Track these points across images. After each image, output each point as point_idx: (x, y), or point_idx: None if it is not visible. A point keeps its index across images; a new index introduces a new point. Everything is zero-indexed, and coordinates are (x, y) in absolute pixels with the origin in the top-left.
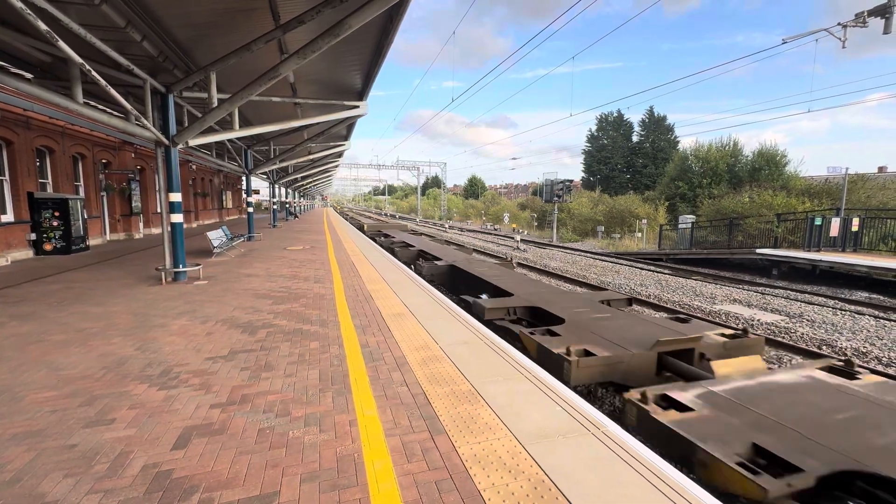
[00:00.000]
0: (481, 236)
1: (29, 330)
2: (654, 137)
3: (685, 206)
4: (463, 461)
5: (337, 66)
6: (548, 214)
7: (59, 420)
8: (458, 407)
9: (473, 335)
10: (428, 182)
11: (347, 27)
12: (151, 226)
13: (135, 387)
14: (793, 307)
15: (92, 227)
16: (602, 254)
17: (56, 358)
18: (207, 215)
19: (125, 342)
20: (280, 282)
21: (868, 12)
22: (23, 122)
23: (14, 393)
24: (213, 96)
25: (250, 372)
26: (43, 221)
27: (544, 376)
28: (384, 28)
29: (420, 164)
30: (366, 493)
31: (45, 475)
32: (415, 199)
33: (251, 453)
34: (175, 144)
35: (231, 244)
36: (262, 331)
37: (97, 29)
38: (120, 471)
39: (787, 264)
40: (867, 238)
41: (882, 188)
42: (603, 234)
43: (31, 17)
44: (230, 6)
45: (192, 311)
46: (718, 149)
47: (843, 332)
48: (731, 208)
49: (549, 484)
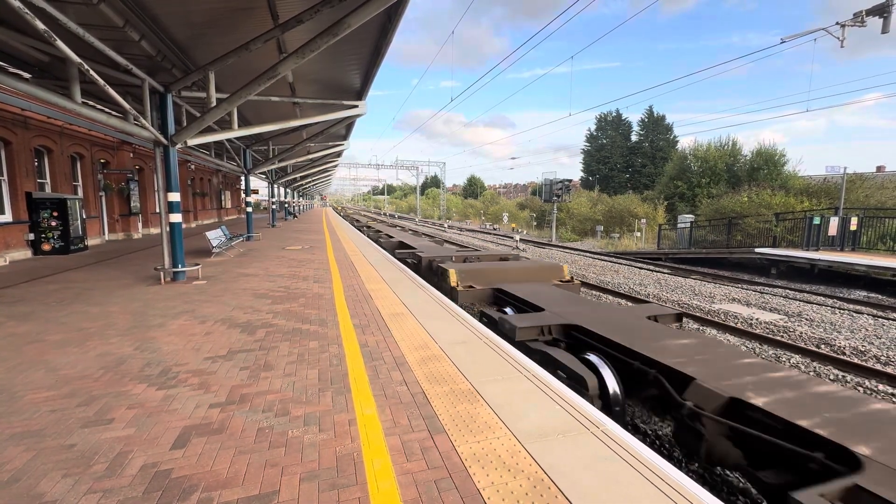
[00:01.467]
0: (480, 236)
1: (27, 330)
2: (653, 137)
3: (684, 205)
4: (462, 460)
5: (336, 65)
6: (547, 214)
7: (57, 420)
8: (458, 406)
9: (472, 334)
10: (427, 182)
11: (346, 26)
12: (150, 226)
13: (133, 386)
14: (791, 306)
15: (90, 227)
16: (601, 253)
17: (54, 358)
18: (206, 215)
19: (124, 342)
20: (279, 281)
21: (866, 11)
22: (21, 121)
23: (12, 393)
24: (212, 96)
25: (249, 371)
26: (41, 221)
27: (543, 375)
28: (383, 27)
29: (419, 164)
30: (365, 492)
31: (43, 475)
32: (414, 199)
33: (250, 453)
34: (174, 144)
35: (230, 244)
36: (261, 330)
37: (95, 28)
38: (119, 470)
39: (785, 263)
40: (866, 237)
41: (880, 188)
42: (602, 233)
43: (30, 17)
44: (229, 5)
45: (190, 310)
46: (717, 148)
47: (842, 331)
48: (729, 208)
49: (549, 483)
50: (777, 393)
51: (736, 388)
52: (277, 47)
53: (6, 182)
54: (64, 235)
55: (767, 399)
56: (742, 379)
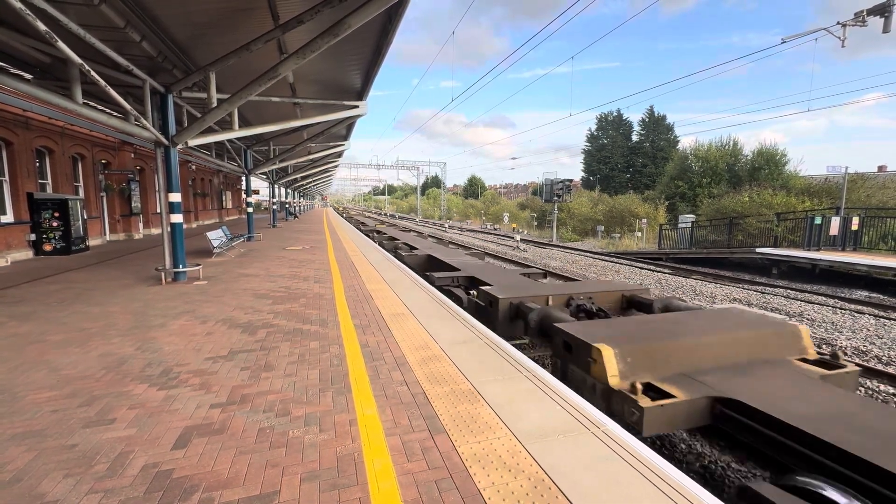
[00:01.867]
0: (481, 236)
1: (28, 330)
2: (654, 137)
3: (685, 205)
4: (463, 460)
5: (336, 65)
6: (548, 214)
7: (59, 420)
8: (458, 406)
9: (473, 335)
10: (428, 182)
11: (347, 27)
12: (151, 226)
13: (135, 387)
14: (793, 306)
15: (91, 227)
16: (602, 253)
17: (56, 358)
18: (207, 215)
19: (125, 342)
20: (280, 282)
21: (867, 11)
22: (22, 122)
23: (14, 393)
24: (213, 96)
25: (250, 372)
26: (42, 222)
27: (544, 375)
28: (383, 28)
29: (420, 164)
30: (366, 492)
31: (45, 475)
32: (414, 199)
33: (251, 453)
34: (174, 144)
35: (231, 244)
36: (261, 331)
37: (96, 29)
38: (120, 470)
39: (786, 263)
40: (867, 237)
41: (882, 187)
42: (603, 233)
43: (31, 18)
44: (229, 6)
45: (191, 310)
46: (718, 148)
47: (843, 331)
48: (730, 208)
49: (549, 483)
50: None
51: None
52: (278, 48)
53: (8, 182)
54: (65, 236)
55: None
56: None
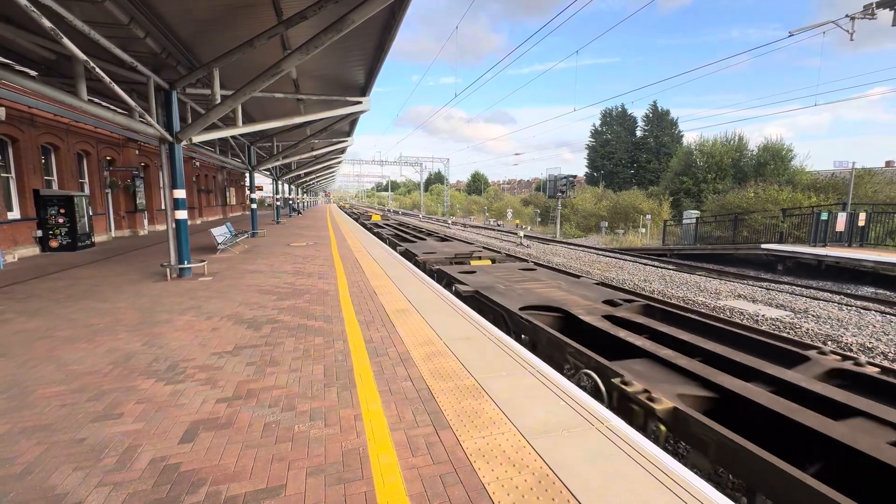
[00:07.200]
0: (484, 232)
1: (37, 326)
2: (658, 132)
3: (689, 201)
4: (467, 455)
5: (339, 61)
6: (551, 210)
7: (67, 414)
8: (462, 402)
9: (477, 330)
10: (430, 178)
11: (350, 22)
12: (156, 222)
13: (142, 382)
14: (798, 302)
15: (97, 223)
16: (606, 249)
17: (64, 353)
18: (211, 212)
19: (132, 338)
20: (284, 278)
21: (876, 4)
22: (28, 119)
23: (24, 388)
24: (217, 93)
25: (255, 367)
26: (49, 218)
27: (547, 371)
28: (386, 23)
29: (423, 160)
30: (371, 486)
31: (54, 468)
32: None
33: (257, 447)
34: (179, 141)
35: (235, 240)
36: (266, 326)
37: (101, 26)
38: (128, 464)
39: (792, 260)
40: (874, 233)
41: (889, 183)
42: (606, 229)
43: (36, 15)
44: (233, 2)
45: (197, 306)
46: (723, 143)
47: (849, 328)
48: (735, 203)
49: (553, 478)
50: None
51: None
52: (281, 44)
53: (14, 179)
54: (71, 232)
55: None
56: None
